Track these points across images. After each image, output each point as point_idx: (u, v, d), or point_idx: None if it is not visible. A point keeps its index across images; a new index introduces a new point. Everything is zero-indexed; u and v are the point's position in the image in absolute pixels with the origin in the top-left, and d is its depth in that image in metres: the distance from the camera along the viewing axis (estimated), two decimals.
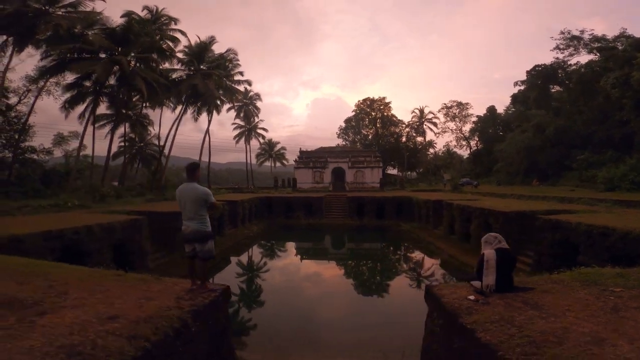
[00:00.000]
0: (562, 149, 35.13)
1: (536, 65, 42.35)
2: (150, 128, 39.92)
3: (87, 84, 24.96)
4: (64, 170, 31.91)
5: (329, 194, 30.43)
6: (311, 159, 40.72)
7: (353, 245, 21.91)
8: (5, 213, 13.57)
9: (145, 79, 21.11)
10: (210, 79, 26.10)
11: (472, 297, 4.13)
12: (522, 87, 51.10)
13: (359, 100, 60.52)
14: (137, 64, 23.13)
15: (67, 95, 25.52)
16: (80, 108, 27.51)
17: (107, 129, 36.23)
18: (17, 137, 26.29)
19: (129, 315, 3.24)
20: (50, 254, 8.08)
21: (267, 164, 54.79)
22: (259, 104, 47.52)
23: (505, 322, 3.25)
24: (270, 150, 53.87)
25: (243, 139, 48.23)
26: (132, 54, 23.31)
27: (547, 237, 11.01)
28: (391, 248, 20.81)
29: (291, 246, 21.10)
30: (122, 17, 22.89)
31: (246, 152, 46.94)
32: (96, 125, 33.44)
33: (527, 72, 44.23)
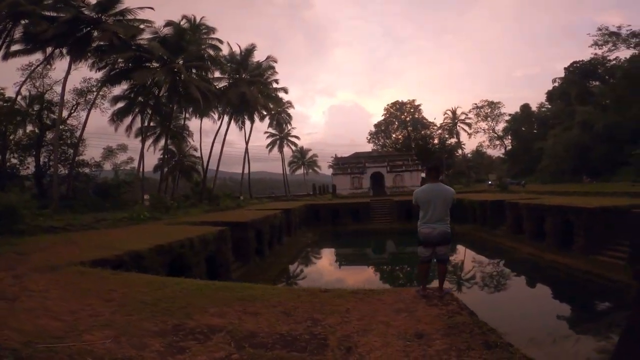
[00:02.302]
0: (613, 144, 33.70)
1: (574, 62, 41.46)
2: (190, 140, 40.89)
3: (134, 95, 25.20)
4: (115, 183, 32.85)
5: (374, 199, 30.15)
6: (349, 164, 40.58)
7: (410, 248, 21.48)
8: (88, 227, 13.83)
9: (199, 88, 21.12)
10: (255, 86, 26.39)
11: None
12: (557, 84, 49.97)
13: (388, 104, 60.60)
14: (191, 73, 23.12)
15: (116, 107, 25.93)
16: (128, 120, 28.11)
17: (151, 141, 37.37)
18: (71, 151, 27.26)
19: (426, 330, 2.95)
20: (162, 269, 7.96)
21: (300, 171, 55.21)
22: (290, 111, 47.66)
23: None
24: (302, 157, 54.28)
25: (276, 147, 48.80)
26: (180, 62, 23.27)
27: None
28: (460, 250, 20.26)
29: (361, 252, 20.98)
30: (165, 26, 23.05)
31: (282, 161, 47.50)
32: (141, 138, 34.51)
33: (565, 68, 43.39)
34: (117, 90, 26.28)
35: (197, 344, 2.79)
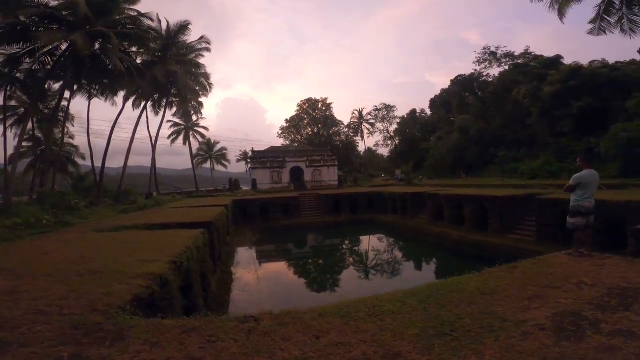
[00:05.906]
0: (482, 147, 42.28)
1: (458, 75, 49.85)
2: (69, 125, 33.81)
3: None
4: None
5: (302, 193, 30.27)
6: (268, 158, 39.52)
7: (358, 239, 22.39)
8: None
9: (122, 60, 17.19)
10: (183, 66, 22.81)
11: None
12: (438, 94, 59.60)
13: (301, 100, 61.68)
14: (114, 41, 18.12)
15: None
16: None
17: (11, 122, 30.09)
18: None
19: None
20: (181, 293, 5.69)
21: (206, 165, 50.71)
22: (202, 99, 43.01)
23: None
24: (209, 151, 49.91)
25: (180, 138, 43.69)
26: (87, 28, 18.45)
27: (548, 212, 13.87)
28: (392, 235, 21.93)
29: (331, 246, 20.81)
30: None
31: (190, 153, 42.48)
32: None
33: (451, 80, 51.76)
34: None
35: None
